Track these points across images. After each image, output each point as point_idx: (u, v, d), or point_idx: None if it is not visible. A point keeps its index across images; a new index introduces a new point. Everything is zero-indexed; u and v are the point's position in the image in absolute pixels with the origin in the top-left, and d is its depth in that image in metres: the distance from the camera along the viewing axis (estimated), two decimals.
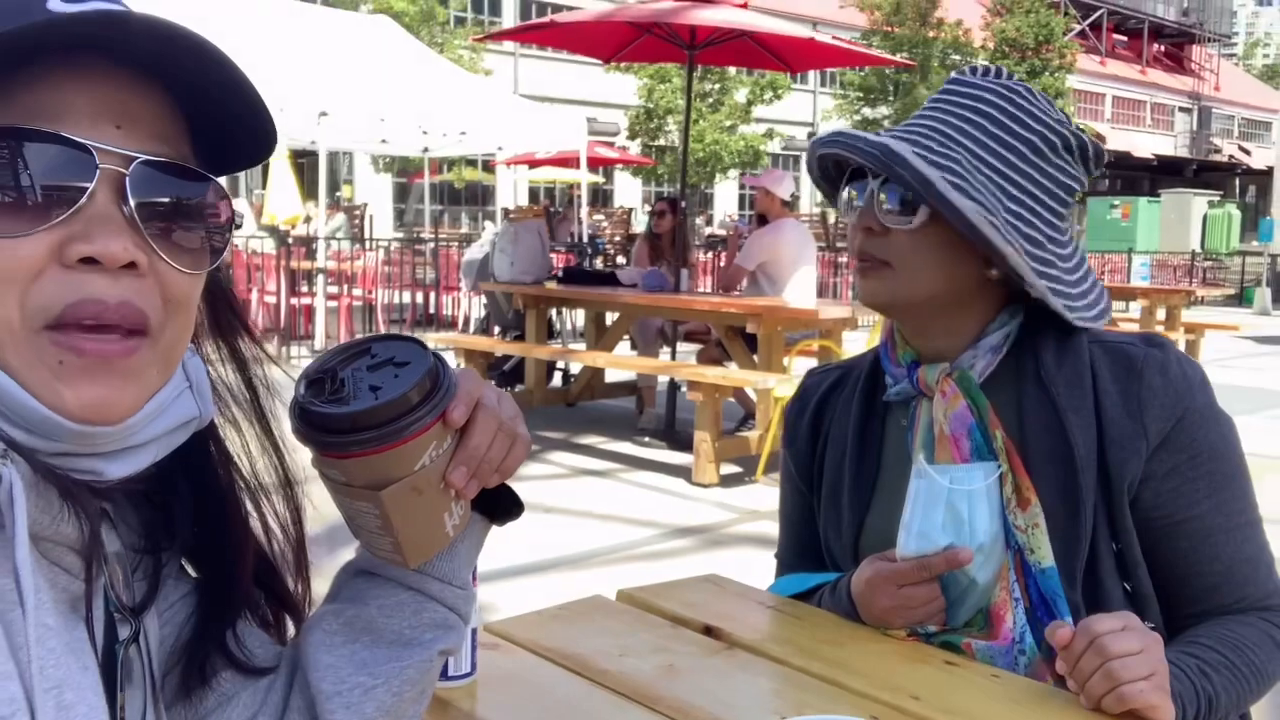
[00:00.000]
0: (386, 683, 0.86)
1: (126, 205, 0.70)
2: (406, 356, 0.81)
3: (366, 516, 0.82)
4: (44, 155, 0.68)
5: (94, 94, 0.70)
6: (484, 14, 31.08)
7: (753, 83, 26.89)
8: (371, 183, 28.01)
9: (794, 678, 1.23)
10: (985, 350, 1.39)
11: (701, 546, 4.95)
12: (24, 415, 0.68)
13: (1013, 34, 32.77)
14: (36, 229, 0.67)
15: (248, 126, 0.77)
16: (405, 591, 0.88)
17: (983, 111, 1.38)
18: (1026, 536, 1.33)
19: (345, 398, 0.78)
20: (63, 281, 0.68)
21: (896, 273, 1.38)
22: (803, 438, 1.58)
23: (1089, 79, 46.79)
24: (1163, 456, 1.32)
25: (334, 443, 0.78)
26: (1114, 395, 1.33)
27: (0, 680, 0.62)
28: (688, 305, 6.84)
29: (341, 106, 10.16)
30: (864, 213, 1.39)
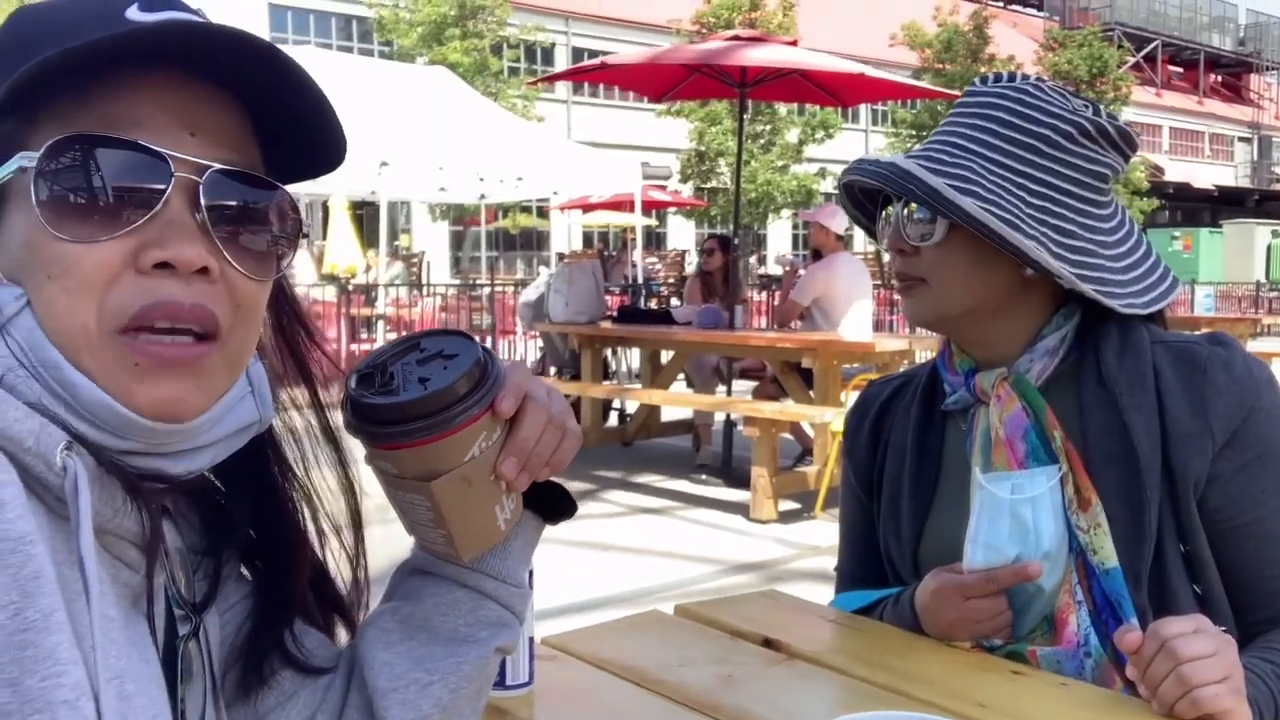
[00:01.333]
0: (443, 679, 0.86)
1: (199, 212, 0.72)
2: (455, 349, 0.82)
3: (418, 509, 0.82)
4: (121, 162, 0.70)
5: (169, 102, 0.72)
6: (537, 63, 31.54)
7: (804, 123, 26.94)
8: (428, 231, 28.41)
9: (856, 687, 1.21)
10: (1042, 353, 1.38)
11: (760, 582, 4.90)
12: (98, 414, 0.70)
13: (1066, 67, 32.55)
14: (113, 235, 0.69)
15: (318, 136, 0.79)
16: (460, 589, 0.89)
17: (992, 116, 1.37)
18: (1089, 537, 1.30)
19: (395, 390, 0.79)
20: (138, 286, 0.70)
21: (932, 288, 1.39)
22: (862, 446, 1.57)
23: (1145, 111, 46.29)
24: (1229, 455, 1.29)
25: (384, 434, 0.79)
26: (1177, 394, 1.31)
27: (67, 666, 0.63)
28: (743, 341, 6.83)
29: (401, 156, 10.33)
30: (893, 235, 1.41)
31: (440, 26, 23.29)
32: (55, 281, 0.69)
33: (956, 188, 1.30)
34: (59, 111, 0.70)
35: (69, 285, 0.69)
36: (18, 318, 0.69)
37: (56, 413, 0.68)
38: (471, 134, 11.43)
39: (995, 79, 1.43)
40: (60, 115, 0.70)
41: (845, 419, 1.65)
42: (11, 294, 0.69)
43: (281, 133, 0.78)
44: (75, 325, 0.69)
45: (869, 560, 1.55)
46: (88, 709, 0.63)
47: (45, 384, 0.68)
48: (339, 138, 0.79)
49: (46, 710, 0.61)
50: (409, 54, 23.10)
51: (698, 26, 24.60)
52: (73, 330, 0.69)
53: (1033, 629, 1.34)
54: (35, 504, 0.66)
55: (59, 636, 0.63)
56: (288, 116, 0.76)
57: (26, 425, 0.65)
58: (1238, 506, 1.30)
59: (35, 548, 0.62)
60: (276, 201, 0.78)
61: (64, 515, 0.67)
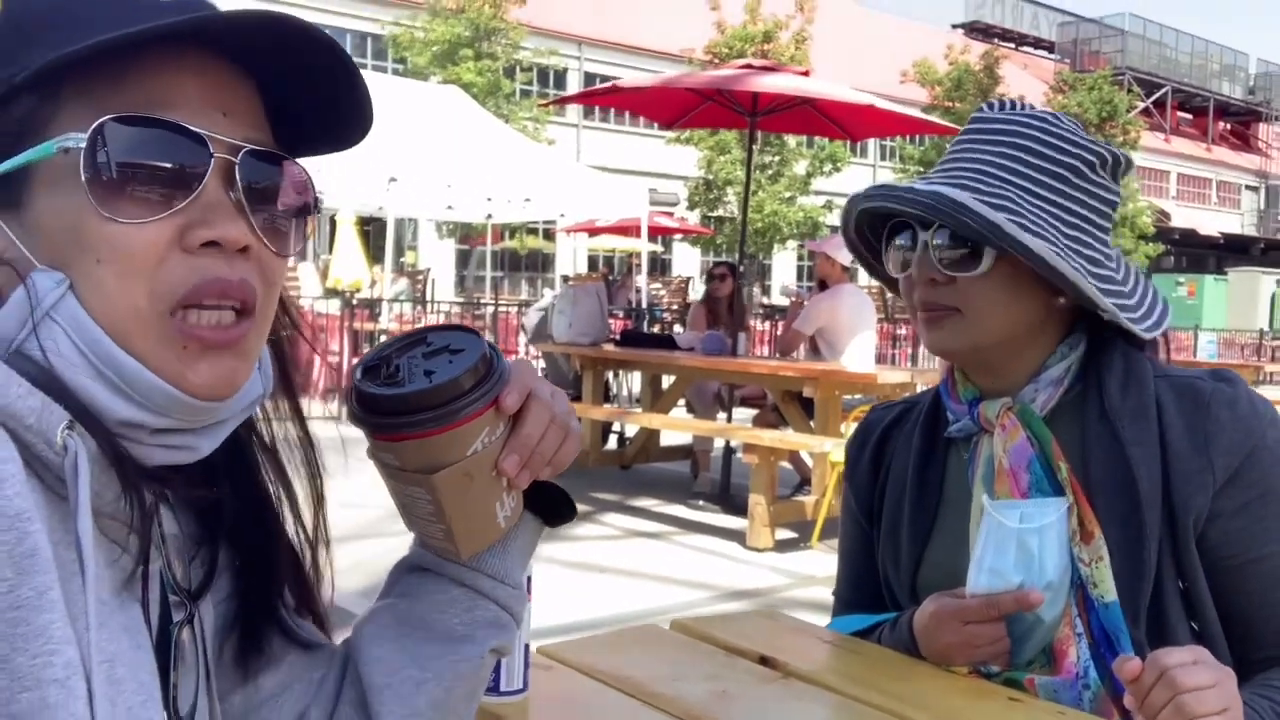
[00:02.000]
0: (437, 677, 0.86)
1: (234, 191, 0.73)
2: (461, 344, 0.82)
3: (419, 502, 0.82)
4: (165, 144, 0.71)
5: (201, 82, 0.73)
6: (549, 86, 31.70)
7: (812, 155, 27.05)
8: (435, 248, 28.47)
9: (851, 708, 1.20)
10: (1046, 384, 1.37)
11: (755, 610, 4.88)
12: (146, 394, 0.70)
13: (1075, 110, 32.70)
14: (161, 216, 0.70)
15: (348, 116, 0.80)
16: (458, 588, 0.88)
17: (1020, 145, 1.36)
18: (1090, 570, 1.29)
19: (400, 382, 0.79)
20: (187, 265, 0.71)
21: (966, 318, 1.36)
22: (864, 472, 1.56)
23: (1153, 156, 46.48)
24: (1231, 493, 1.28)
25: (388, 425, 0.79)
26: (1180, 429, 1.30)
27: (59, 645, 0.62)
28: (745, 369, 6.82)
29: (410, 173, 10.37)
30: (921, 264, 1.36)
31: (454, 46, 23.42)
32: (105, 265, 0.69)
33: (1015, 222, 1.28)
34: (91, 91, 0.70)
35: (119, 268, 0.69)
36: (62, 303, 0.69)
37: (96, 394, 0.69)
38: (481, 154, 11.48)
39: (1008, 106, 1.42)
40: (92, 95, 0.70)
41: (847, 445, 1.64)
42: (53, 279, 0.69)
43: (297, 108, 0.79)
44: (127, 308, 0.70)
45: (867, 586, 1.54)
46: (79, 688, 0.63)
47: (93, 367, 0.69)
48: (364, 117, 0.80)
49: (36, 688, 0.61)
50: (422, 73, 23.22)
51: (710, 56, 24.73)
52: (124, 313, 0.70)
53: (1031, 659, 1.33)
54: (35, 482, 0.66)
55: (52, 615, 0.62)
56: (320, 99, 0.78)
57: (28, 403, 0.65)
58: (1240, 545, 1.29)
59: (32, 525, 0.62)
60: (294, 177, 0.79)
61: (63, 495, 0.67)
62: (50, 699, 0.61)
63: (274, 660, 0.88)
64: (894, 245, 1.40)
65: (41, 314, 0.68)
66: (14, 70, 0.70)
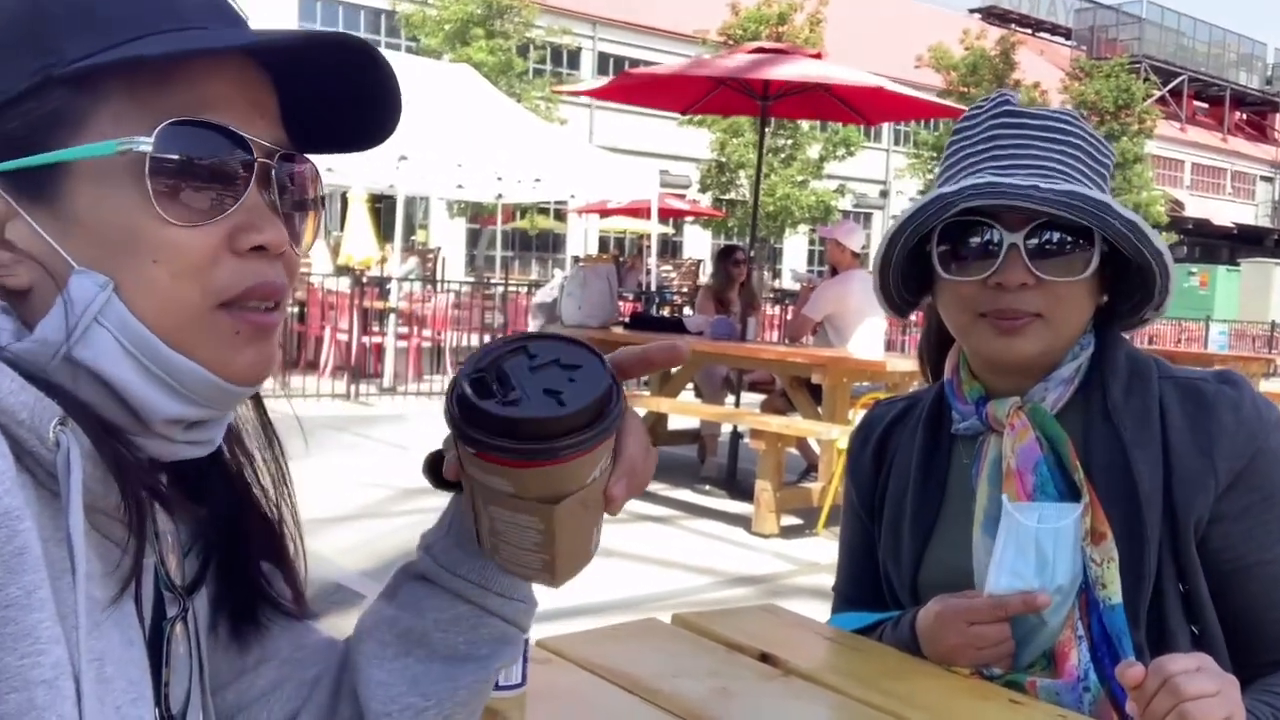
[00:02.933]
0: (438, 705, 0.84)
1: (269, 193, 0.74)
2: (573, 358, 0.72)
3: (525, 532, 0.74)
4: (216, 147, 0.72)
5: (240, 85, 0.73)
6: (562, 66, 31.58)
7: (825, 139, 26.93)
8: (445, 227, 28.46)
9: (851, 707, 1.20)
10: (1057, 383, 1.36)
11: (759, 596, 4.88)
12: (195, 387, 0.72)
13: (1092, 98, 32.51)
14: (215, 219, 0.71)
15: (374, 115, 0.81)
16: (464, 605, 0.85)
17: (1074, 144, 1.32)
18: (1101, 570, 1.28)
19: (516, 400, 0.70)
20: (239, 267, 0.72)
21: (1049, 323, 1.31)
22: (866, 467, 1.55)
23: (1169, 145, 46.17)
24: (1234, 497, 1.27)
25: (516, 450, 0.69)
26: (1183, 431, 1.29)
27: (47, 645, 0.62)
28: (753, 354, 6.81)
29: (420, 151, 10.35)
30: (1011, 268, 1.27)
31: (466, 25, 23.33)
32: (162, 265, 0.69)
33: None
34: (137, 90, 0.70)
35: (176, 269, 0.70)
36: (107, 307, 0.69)
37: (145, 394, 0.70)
38: (492, 133, 11.45)
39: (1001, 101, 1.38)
40: (138, 95, 0.70)
41: (850, 439, 1.62)
42: (96, 281, 0.69)
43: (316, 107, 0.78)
44: (180, 305, 0.70)
45: (867, 582, 1.53)
46: (67, 688, 0.62)
47: (142, 368, 0.69)
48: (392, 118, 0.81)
49: (24, 689, 0.60)
50: (435, 52, 23.14)
51: (725, 38, 24.62)
52: (178, 311, 0.70)
53: (1032, 662, 1.32)
54: (27, 479, 0.65)
55: (40, 615, 0.62)
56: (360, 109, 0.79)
57: (21, 398, 0.64)
58: (1244, 548, 1.28)
59: (22, 523, 0.61)
60: (310, 176, 0.80)
61: (56, 491, 0.66)
62: (38, 700, 0.60)
63: (270, 645, 0.88)
64: (965, 247, 1.30)
65: (89, 319, 0.68)
66: (50, 60, 0.69)
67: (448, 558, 0.85)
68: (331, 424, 8.54)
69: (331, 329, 11.26)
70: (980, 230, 1.30)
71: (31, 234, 0.70)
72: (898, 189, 36.24)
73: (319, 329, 11.46)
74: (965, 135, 1.38)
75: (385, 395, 10.60)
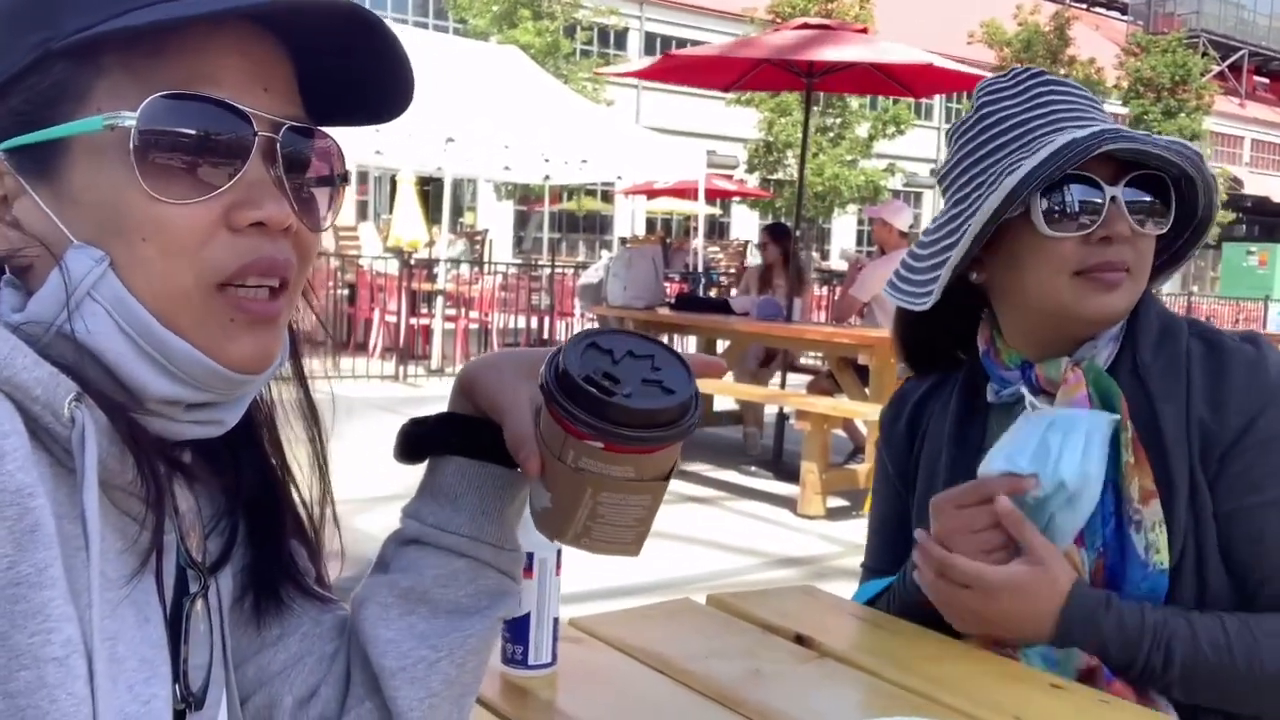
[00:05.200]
0: (450, 654, 0.84)
1: (275, 169, 0.72)
2: (640, 348, 0.78)
3: (631, 510, 0.78)
4: (212, 121, 0.70)
5: (244, 57, 0.72)
6: (609, 47, 31.50)
7: (875, 117, 26.67)
8: (493, 210, 28.56)
9: (886, 690, 1.18)
10: (1107, 340, 1.35)
11: (803, 578, 4.85)
12: (189, 369, 0.70)
13: (1148, 73, 31.91)
14: (208, 195, 0.69)
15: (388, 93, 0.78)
16: (460, 560, 0.86)
17: (1103, 107, 1.36)
18: (1156, 536, 1.27)
19: (630, 394, 0.75)
20: (234, 244, 0.70)
21: (1135, 278, 1.33)
22: (900, 436, 1.56)
23: (1227, 121, 45.21)
24: (1236, 450, 1.27)
25: (647, 438, 0.74)
26: (1201, 387, 1.29)
27: (58, 623, 0.61)
28: (799, 335, 6.76)
29: (468, 133, 10.38)
30: (1115, 219, 1.29)
31: (513, 7, 23.32)
32: (151, 243, 0.68)
33: None
34: (131, 62, 0.69)
35: (166, 247, 0.68)
36: (102, 281, 0.68)
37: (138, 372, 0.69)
38: (538, 115, 11.45)
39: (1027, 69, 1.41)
40: (132, 67, 0.69)
41: (881, 413, 1.62)
42: (92, 256, 0.68)
43: (331, 79, 0.77)
44: (173, 285, 0.69)
45: (899, 555, 1.51)
46: (78, 666, 0.62)
47: (135, 346, 0.69)
48: (409, 96, 0.79)
49: (34, 667, 0.60)
50: (482, 34, 23.17)
51: (772, 16, 24.41)
52: (170, 290, 0.69)
53: None
54: (42, 455, 0.65)
55: (52, 592, 0.61)
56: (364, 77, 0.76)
57: (35, 374, 0.64)
58: (1231, 494, 1.27)
59: (34, 500, 0.61)
60: (329, 150, 0.78)
61: (71, 467, 0.66)
62: (49, 677, 0.60)
63: (291, 621, 0.88)
64: (1065, 203, 1.29)
65: (82, 294, 0.67)
66: (49, 34, 0.68)
67: (435, 518, 0.86)
68: (380, 405, 8.59)
69: (380, 311, 11.35)
70: (1081, 185, 1.29)
71: (37, 211, 0.69)
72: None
73: (368, 311, 11.55)
74: (1008, 101, 1.37)
75: (433, 376, 10.67)
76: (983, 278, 1.41)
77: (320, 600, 0.90)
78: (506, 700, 1.11)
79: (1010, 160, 1.32)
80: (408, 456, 0.87)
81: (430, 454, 0.88)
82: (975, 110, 1.39)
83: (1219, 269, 26.89)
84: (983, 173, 1.35)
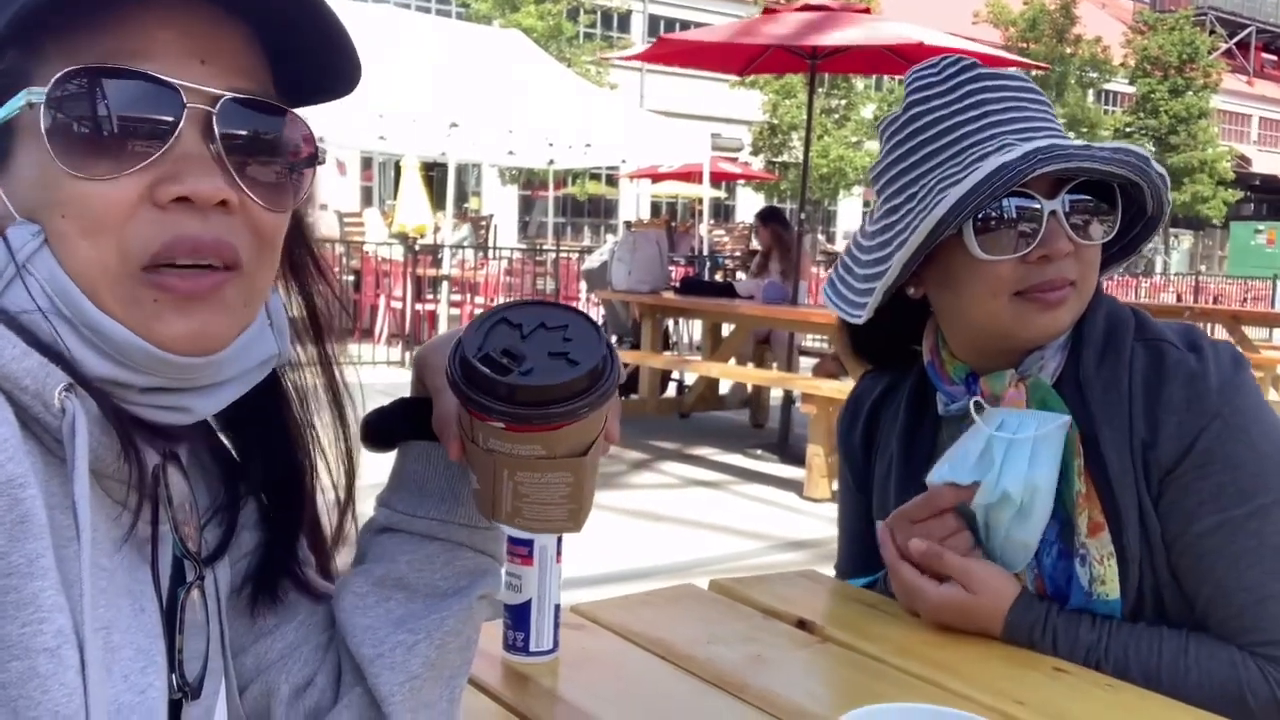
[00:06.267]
0: (428, 637, 0.84)
1: (213, 143, 0.70)
2: (554, 319, 0.75)
3: (553, 488, 0.77)
4: (131, 94, 0.68)
5: (179, 29, 0.70)
6: (612, 30, 31.37)
7: (880, 98, 26.56)
8: (499, 195, 28.50)
9: (888, 674, 1.18)
10: (1054, 351, 1.29)
11: (809, 561, 4.85)
12: (123, 351, 0.68)
13: (1155, 52, 31.72)
14: (127, 171, 0.67)
15: (329, 59, 0.76)
16: (433, 543, 0.86)
17: (1042, 99, 1.29)
18: (1103, 569, 1.24)
19: (531, 370, 0.72)
20: (157, 221, 0.68)
21: (1079, 291, 1.26)
22: (855, 448, 1.53)
23: (1235, 99, 44.95)
24: (1174, 477, 1.21)
25: (548, 414, 0.72)
26: (1141, 408, 1.23)
27: (49, 613, 0.61)
28: (804, 318, 6.75)
29: (471, 118, 10.34)
30: (1054, 235, 1.22)
31: None
32: (71, 221, 0.67)
33: None
34: (69, 43, 0.68)
35: (86, 225, 0.67)
36: (38, 255, 0.67)
37: (75, 350, 0.67)
38: (542, 99, 11.40)
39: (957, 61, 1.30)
40: (71, 47, 0.68)
41: (838, 420, 1.58)
42: (30, 230, 0.67)
43: (291, 53, 0.75)
44: (95, 264, 0.67)
45: (870, 560, 1.47)
46: (70, 657, 0.62)
47: (69, 323, 0.67)
48: (352, 61, 0.76)
49: (25, 658, 0.60)
50: (485, 17, 23.08)
51: None
52: (92, 270, 0.67)
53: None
54: (34, 445, 0.65)
55: (43, 583, 0.61)
56: (298, 39, 0.74)
57: (24, 364, 0.63)
58: (1174, 520, 1.22)
59: (25, 491, 0.60)
60: (291, 128, 0.75)
61: (63, 457, 0.65)
62: (40, 668, 0.60)
63: (287, 610, 0.88)
64: (1000, 224, 1.22)
65: (16, 267, 0.66)
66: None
67: (406, 505, 0.86)
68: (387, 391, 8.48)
69: (386, 297, 11.34)
70: (1017, 200, 1.22)
71: None
72: None
73: (373, 297, 11.54)
74: (937, 100, 1.28)
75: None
76: (920, 293, 1.34)
77: (315, 593, 0.89)
78: (508, 687, 1.11)
79: (941, 173, 1.24)
80: (376, 445, 0.87)
81: (397, 441, 0.87)
82: (904, 107, 1.31)
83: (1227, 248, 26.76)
84: (913, 183, 1.28)
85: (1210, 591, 1.21)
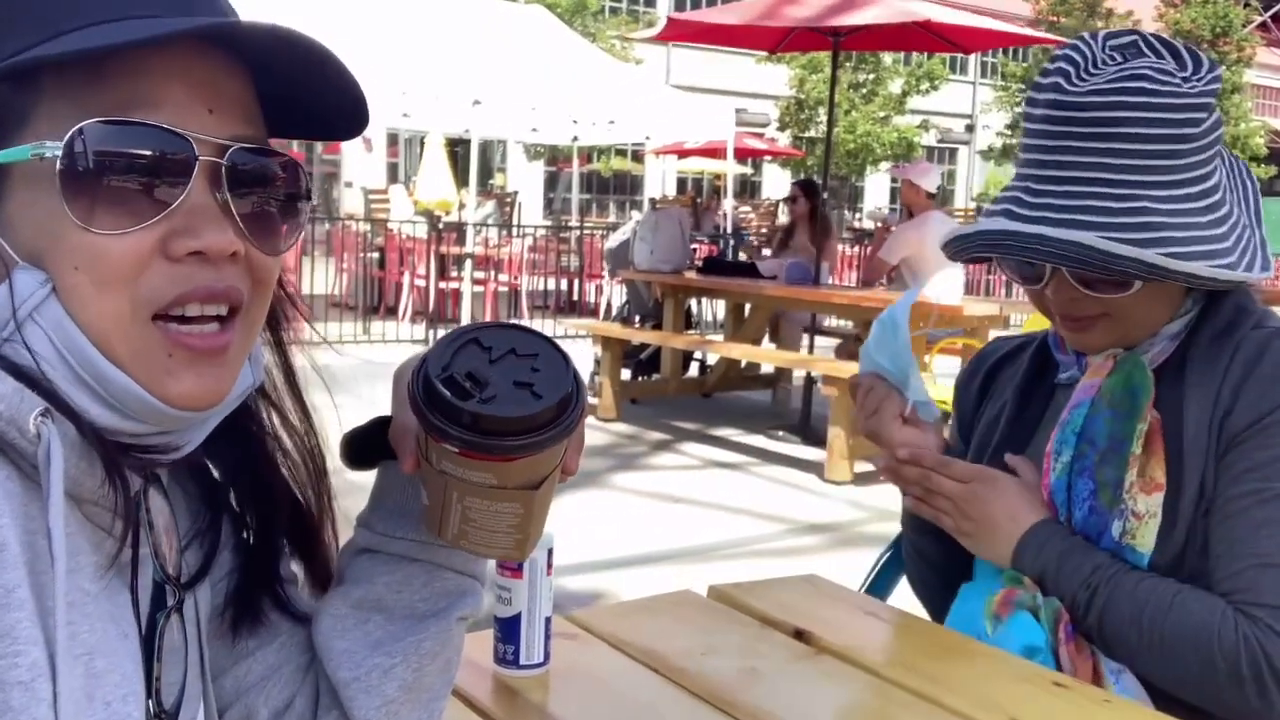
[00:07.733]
0: (405, 660, 0.83)
1: (220, 193, 0.69)
2: (526, 346, 0.74)
3: (501, 517, 0.76)
4: (145, 147, 0.67)
5: (187, 79, 0.69)
6: (638, 4, 31.18)
7: (908, 73, 26.30)
8: (524, 171, 28.47)
9: (883, 689, 1.16)
10: (1164, 338, 1.33)
11: (830, 544, 4.84)
12: (127, 402, 0.68)
13: (1188, 26, 31.22)
14: (142, 225, 0.67)
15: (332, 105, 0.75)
16: (411, 564, 0.84)
17: (1132, 135, 1.21)
18: (1138, 524, 1.26)
19: (493, 397, 0.71)
20: (171, 274, 0.68)
21: (1117, 321, 1.32)
22: (971, 395, 1.59)
23: (1270, 74, 44.16)
24: (1239, 441, 1.24)
25: (503, 446, 0.70)
26: (1233, 379, 1.25)
27: (25, 645, 0.61)
28: (826, 299, 6.71)
29: (495, 95, 10.30)
30: (1060, 288, 1.31)
31: None
32: (83, 273, 0.66)
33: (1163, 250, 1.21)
34: (70, 85, 0.67)
35: (99, 277, 0.66)
36: (44, 305, 0.66)
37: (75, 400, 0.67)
38: (565, 75, 11.35)
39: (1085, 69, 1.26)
40: (72, 90, 0.67)
41: (961, 370, 1.67)
42: (36, 279, 0.66)
43: (290, 96, 0.74)
44: (108, 316, 0.67)
45: None
46: (44, 690, 0.61)
47: (73, 371, 0.67)
48: (356, 113, 0.75)
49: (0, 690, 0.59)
50: None
51: None
52: (105, 321, 0.67)
53: None
54: (11, 471, 0.64)
55: (19, 614, 0.60)
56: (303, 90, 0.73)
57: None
58: (1222, 483, 1.24)
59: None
60: (288, 171, 0.75)
61: (40, 483, 0.65)
62: (13, 702, 0.60)
63: (268, 632, 0.87)
64: (1009, 265, 1.36)
65: (25, 315, 0.66)
66: None
67: (385, 525, 0.85)
68: None
69: (410, 274, 11.36)
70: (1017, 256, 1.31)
71: None
72: (984, 123, 35.26)
73: (397, 275, 11.57)
74: (1028, 116, 1.33)
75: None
76: None
77: (297, 615, 0.89)
78: (496, 702, 1.10)
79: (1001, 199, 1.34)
80: (356, 464, 0.86)
81: (377, 460, 0.86)
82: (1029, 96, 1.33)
83: None
84: None
85: (1222, 550, 1.23)
